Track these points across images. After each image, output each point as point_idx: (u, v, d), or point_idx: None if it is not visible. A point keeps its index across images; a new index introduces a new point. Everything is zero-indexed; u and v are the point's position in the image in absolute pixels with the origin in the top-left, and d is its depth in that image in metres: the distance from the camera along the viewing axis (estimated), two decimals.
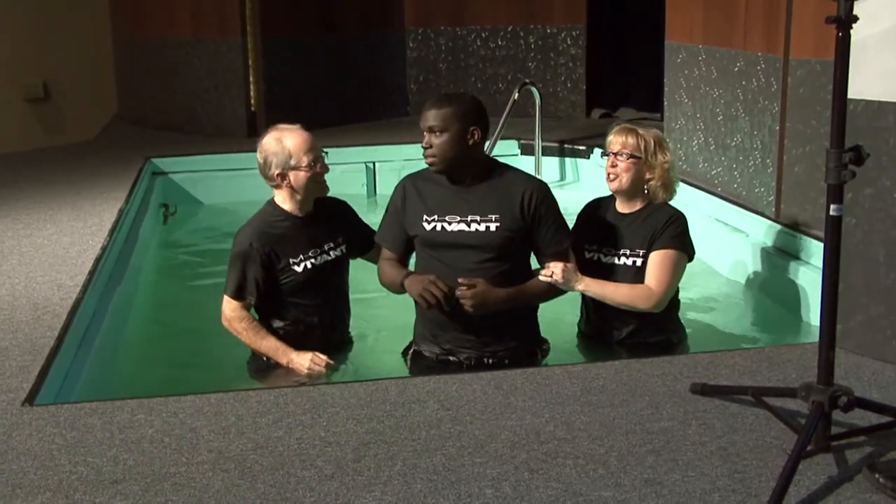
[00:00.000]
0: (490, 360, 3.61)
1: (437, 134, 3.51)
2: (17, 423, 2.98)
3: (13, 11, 9.42)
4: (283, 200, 3.74)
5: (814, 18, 4.44)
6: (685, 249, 3.73)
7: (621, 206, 3.80)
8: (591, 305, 3.83)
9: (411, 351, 3.77)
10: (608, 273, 3.73)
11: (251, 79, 8.01)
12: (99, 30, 9.48)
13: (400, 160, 6.85)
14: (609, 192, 3.86)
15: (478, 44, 8.75)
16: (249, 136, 7.65)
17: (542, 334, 3.80)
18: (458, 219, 3.55)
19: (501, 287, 3.54)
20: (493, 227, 3.54)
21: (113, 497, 2.54)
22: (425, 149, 3.54)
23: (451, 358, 3.63)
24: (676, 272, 3.71)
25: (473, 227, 3.54)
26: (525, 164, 7.01)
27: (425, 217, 3.58)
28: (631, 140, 3.73)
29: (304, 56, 8.23)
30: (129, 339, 4.46)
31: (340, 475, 2.62)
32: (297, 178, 3.68)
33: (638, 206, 3.78)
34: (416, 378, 3.38)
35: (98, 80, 9.56)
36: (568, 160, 7.08)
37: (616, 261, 3.74)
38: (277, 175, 3.68)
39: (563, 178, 7.10)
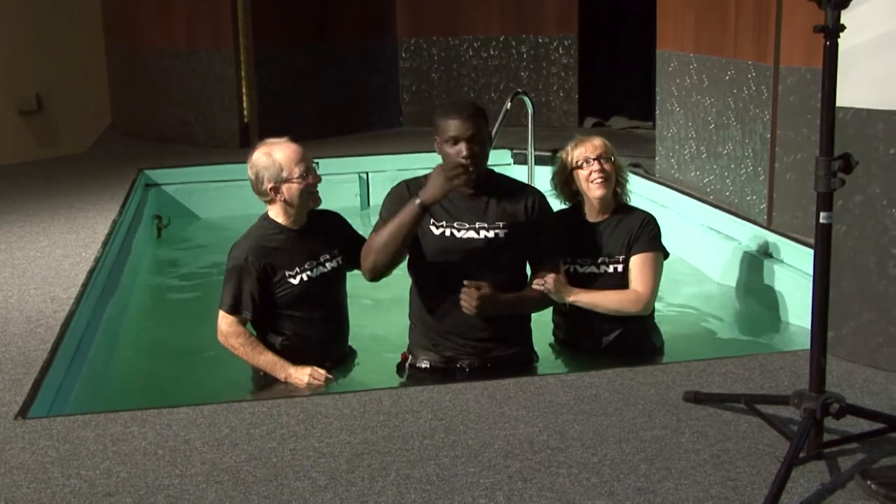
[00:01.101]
0: (491, 366, 3.62)
1: (479, 144, 3.47)
2: (9, 437, 2.98)
3: (6, 23, 9.43)
4: (277, 214, 3.73)
5: (803, 27, 4.47)
6: (662, 249, 3.82)
7: (592, 215, 3.84)
8: (571, 315, 3.84)
9: (408, 364, 3.76)
10: (587, 282, 3.76)
11: (244, 90, 8.01)
12: (92, 41, 9.48)
13: (393, 170, 6.85)
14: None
15: (470, 53, 8.77)
16: (242, 147, 7.65)
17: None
18: (467, 226, 3.56)
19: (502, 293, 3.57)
20: (501, 234, 3.56)
21: None
22: (467, 158, 3.44)
23: (455, 364, 3.64)
24: (659, 273, 3.78)
25: (482, 234, 3.56)
26: (518, 173, 7.00)
27: (433, 222, 3.58)
28: (606, 144, 3.83)
29: (297, 67, 8.24)
30: (122, 352, 4.46)
31: (334, 486, 2.62)
32: (290, 190, 3.67)
33: (609, 212, 3.82)
34: (409, 388, 3.38)
35: (91, 91, 9.56)
36: None
37: (596, 270, 3.78)
38: (270, 189, 3.67)
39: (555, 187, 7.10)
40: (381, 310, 4.59)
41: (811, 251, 3.18)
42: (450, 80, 8.82)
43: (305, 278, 3.69)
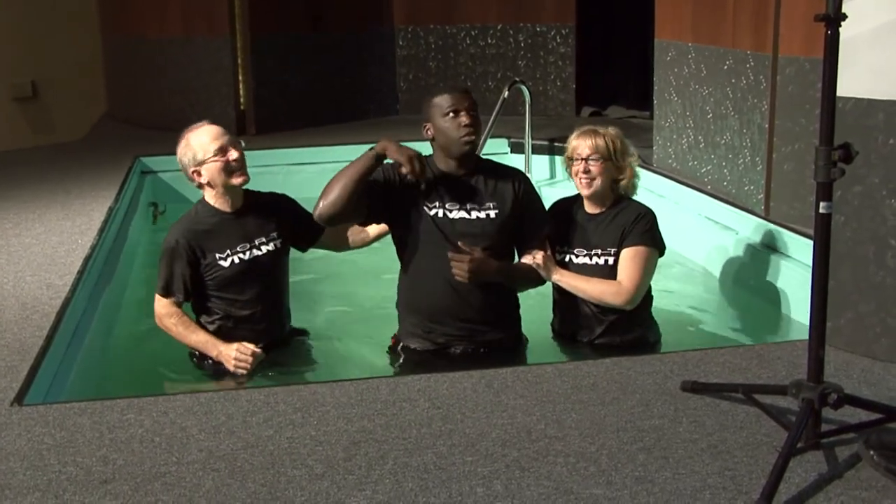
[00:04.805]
0: (483, 350, 3.66)
1: (476, 114, 3.61)
2: (5, 424, 2.97)
3: (1, 10, 9.38)
4: (210, 197, 3.78)
5: (803, 16, 4.46)
6: (655, 245, 3.76)
7: (590, 207, 3.82)
8: (564, 304, 3.84)
9: (399, 347, 3.78)
10: (580, 273, 3.75)
11: (240, 77, 7.99)
12: (88, 28, 9.44)
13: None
14: (574, 192, 3.91)
15: (467, 42, 8.74)
16: (239, 134, 7.62)
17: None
18: (458, 206, 3.62)
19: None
20: (492, 214, 3.63)
21: (102, 497, 2.53)
22: (469, 125, 3.56)
23: (447, 350, 3.67)
24: (647, 268, 3.74)
25: (474, 214, 3.62)
26: (515, 162, 7.00)
27: (426, 203, 3.61)
28: (599, 142, 3.75)
29: (294, 54, 8.22)
30: (118, 339, 4.45)
31: (331, 474, 2.61)
32: (209, 170, 3.71)
33: (607, 205, 3.80)
34: (406, 377, 3.38)
35: (87, 78, 9.52)
36: (558, 158, 7.06)
37: (588, 261, 3.77)
38: (193, 173, 3.73)
39: (552, 176, 7.10)
40: (369, 296, 4.62)
41: (809, 241, 3.19)
42: (447, 68, 8.79)
43: (237, 261, 3.72)
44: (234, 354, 3.64)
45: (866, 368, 3.28)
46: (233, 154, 3.71)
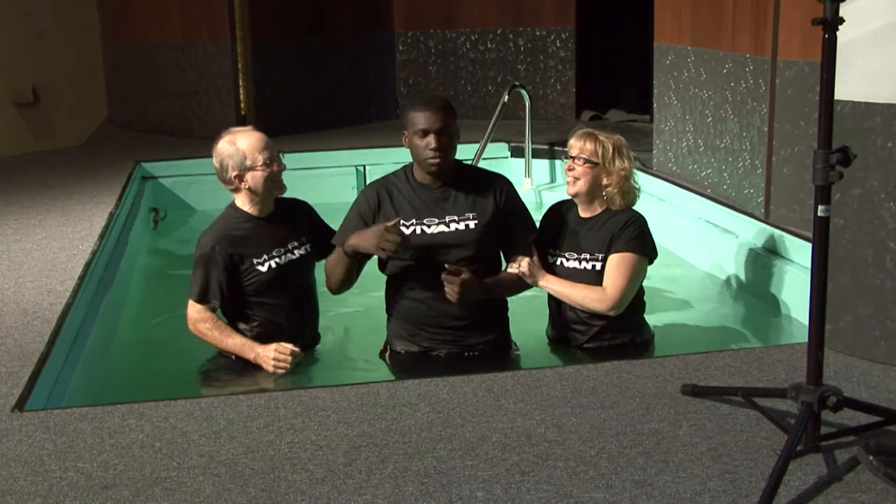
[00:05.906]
0: (468, 354, 3.67)
1: (447, 136, 3.54)
2: (6, 430, 2.97)
3: (2, 15, 9.39)
4: (244, 203, 3.78)
5: (801, 20, 4.47)
6: (643, 252, 3.73)
7: (582, 211, 3.82)
8: (555, 308, 3.85)
9: (388, 352, 3.81)
10: (569, 277, 3.76)
11: (241, 82, 8.00)
12: (88, 34, 9.45)
13: (390, 163, 6.84)
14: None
15: (467, 46, 8.76)
16: None
17: (515, 338, 3.87)
18: (437, 220, 3.61)
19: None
20: (471, 224, 3.61)
21: (104, 502, 2.53)
22: (436, 150, 3.52)
23: (431, 354, 3.69)
24: (633, 275, 3.71)
25: (453, 226, 3.61)
26: (515, 166, 7.04)
27: (402, 222, 3.60)
28: (589, 145, 3.74)
29: (294, 59, 8.23)
30: (120, 345, 4.45)
31: (332, 478, 2.62)
32: (255, 178, 3.71)
33: (598, 210, 3.79)
34: (406, 381, 3.38)
35: (88, 84, 9.53)
36: (558, 162, 7.09)
37: (577, 265, 3.76)
38: (235, 177, 3.72)
39: (553, 180, 7.11)
40: (364, 298, 4.62)
41: (808, 244, 3.19)
42: (447, 72, 8.81)
43: (273, 265, 3.73)
44: (273, 355, 3.64)
45: (865, 371, 3.28)
46: (279, 165, 3.73)
